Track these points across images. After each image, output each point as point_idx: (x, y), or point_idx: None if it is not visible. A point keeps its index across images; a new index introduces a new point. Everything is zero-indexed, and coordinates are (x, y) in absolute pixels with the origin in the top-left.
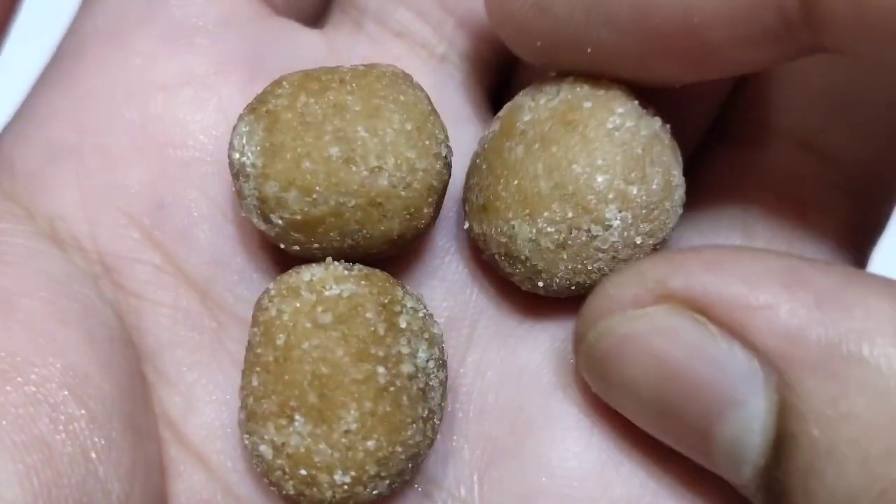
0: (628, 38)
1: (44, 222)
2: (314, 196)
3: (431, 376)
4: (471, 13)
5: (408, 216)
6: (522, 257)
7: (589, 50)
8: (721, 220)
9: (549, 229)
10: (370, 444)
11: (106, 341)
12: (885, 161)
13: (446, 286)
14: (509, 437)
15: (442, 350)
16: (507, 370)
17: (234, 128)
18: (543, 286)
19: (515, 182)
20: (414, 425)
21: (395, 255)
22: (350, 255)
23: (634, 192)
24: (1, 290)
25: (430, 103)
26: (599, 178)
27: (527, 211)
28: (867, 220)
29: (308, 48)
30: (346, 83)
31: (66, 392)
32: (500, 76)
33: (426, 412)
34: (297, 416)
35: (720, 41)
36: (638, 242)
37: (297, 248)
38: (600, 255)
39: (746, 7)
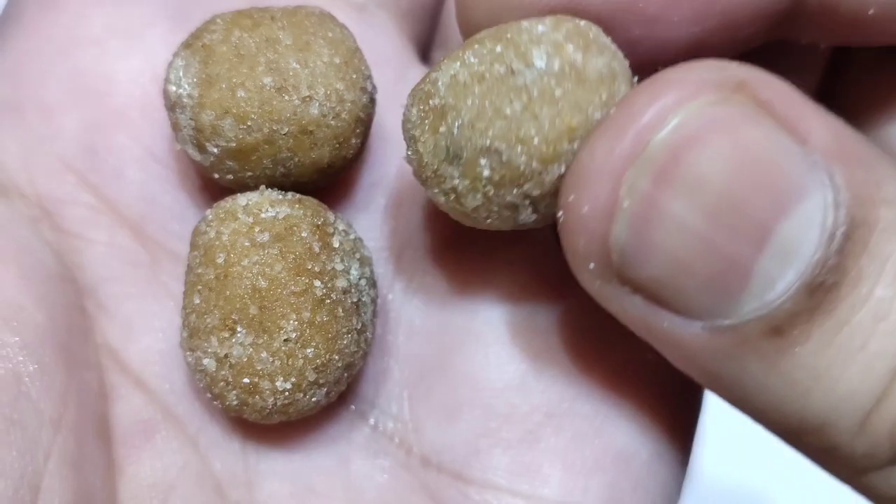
0: None
1: None
2: (248, 124)
3: (363, 293)
4: None
5: (337, 145)
6: (437, 99)
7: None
8: None
9: (472, 60)
10: (309, 351)
11: (42, 278)
12: None
13: (372, 217)
14: (436, 356)
15: (372, 271)
16: (433, 295)
17: (170, 63)
18: (445, 132)
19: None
20: (349, 336)
21: (324, 185)
22: (282, 184)
23: (571, 49)
24: None
25: (356, 42)
26: (540, 28)
27: (458, 54)
28: None
29: (231, 2)
30: (277, 20)
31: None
32: (422, 26)
33: (360, 325)
34: (238, 328)
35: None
36: (557, 96)
37: (230, 176)
38: (513, 96)
39: None
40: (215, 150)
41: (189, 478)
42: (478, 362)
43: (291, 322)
